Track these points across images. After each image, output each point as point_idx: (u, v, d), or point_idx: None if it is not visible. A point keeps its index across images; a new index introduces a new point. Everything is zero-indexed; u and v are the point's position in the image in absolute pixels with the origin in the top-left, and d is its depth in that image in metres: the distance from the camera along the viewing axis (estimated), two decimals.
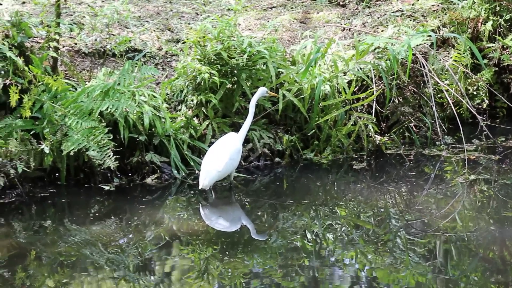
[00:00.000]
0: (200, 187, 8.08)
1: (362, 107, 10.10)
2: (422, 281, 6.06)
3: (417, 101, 10.44)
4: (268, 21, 12.03)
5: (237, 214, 8.02)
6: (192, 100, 9.25)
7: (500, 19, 11.28)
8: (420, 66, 10.27)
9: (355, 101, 9.89)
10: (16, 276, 6.22)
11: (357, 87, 10.15)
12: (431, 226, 7.27)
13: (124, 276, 6.19)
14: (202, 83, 9.12)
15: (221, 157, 8.07)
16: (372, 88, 9.94)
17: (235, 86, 9.33)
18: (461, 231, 7.10)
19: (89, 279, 6.18)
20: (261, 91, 8.59)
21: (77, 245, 6.87)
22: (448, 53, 11.37)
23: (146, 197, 8.21)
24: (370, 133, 9.86)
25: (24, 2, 11.52)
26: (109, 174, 8.43)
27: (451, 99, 10.23)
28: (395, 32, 11.08)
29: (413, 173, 8.99)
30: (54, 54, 8.90)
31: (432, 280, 6.09)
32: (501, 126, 10.52)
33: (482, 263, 6.42)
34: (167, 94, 9.44)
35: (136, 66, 9.05)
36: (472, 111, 10.20)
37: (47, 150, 8.03)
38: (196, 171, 8.70)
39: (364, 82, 10.16)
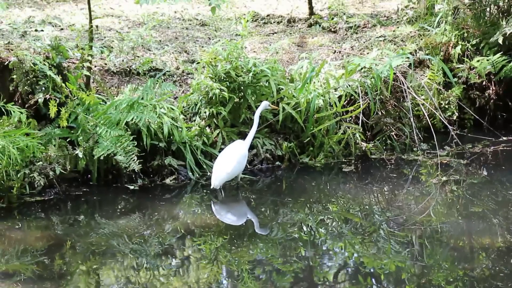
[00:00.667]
0: (211, 187, 8.06)
1: (350, 118, 10.07)
2: (402, 267, 6.05)
3: (397, 113, 10.40)
4: (270, 44, 12.01)
5: (243, 210, 8.00)
6: (205, 112, 9.23)
7: (467, 44, 11.26)
8: (400, 84, 10.24)
9: (344, 113, 9.86)
10: (54, 263, 6.23)
11: (346, 101, 10.11)
12: (409, 220, 7.25)
13: (146, 263, 6.18)
14: (213, 98, 9.10)
15: (230, 161, 8.05)
16: (359, 102, 9.91)
17: (242, 100, 9.31)
18: (435, 224, 7.08)
19: (116, 266, 6.17)
20: (264, 104, 8.58)
21: (106, 236, 6.87)
22: (424, 73, 11.34)
23: (165, 195, 8.19)
24: (357, 141, 9.83)
25: (62, 29, 11.53)
26: (133, 176, 8.40)
27: (426, 112, 10.20)
28: (379, 54, 11.05)
29: (394, 175, 8.96)
30: (87, 73, 8.90)
31: (410, 266, 6.07)
32: (469, 135, 10.48)
33: (453, 252, 6.40)
34: (183, 107, 9.43)
35: (157, 83, 9.05)
36: (444, 122, 10.18)
37: (80, 155, 8.03)
38: (208, 173, 8.69)
39: (352, 97, 10.13)
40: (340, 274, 6.06)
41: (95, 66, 10.03)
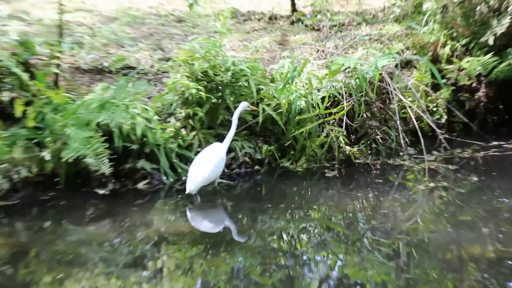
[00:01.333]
0: (187, 192, 8.00)
1: (334, 120, 10.07)
2: (387, 279, 6.01)
3: (383, 116, 10.42)
4: (250, 42, 12.01)
5: (220, 217, 7.94)
6: (181, 113, 9.20)
7: (457, 44, 11.31)
8: (386, 85, 10.25)
9: (327, 115, 9.86)
10: (18, 273, 6.14)
11: (330, 102, 10.11)
12: (395, 229, 7.22)
13: (116, 273, 6.11)
14: (190, 98, 9.06)
15: (207, 164, 8.01)
16: (343, 103, 9.91)
17: (220, 100, 9.28)
18: (422, 233, 7.06)
19: (85, 275, 6.08)
20: (243, 105, 8.54)
21: (74, 244, 6.79)
22: (411, 73, 11.38)
23: (138, 201, 8.12)
24: (341, 144, 9.82)
25: (30, 23, 11.44)
26: (104, 179, 8.32)
27: (413, 115, 10.22)
28: (364, 54, 11.09)
29: (379, 181, 8.94)
30: (56, 70, 8.85)
31: (395, 278, 6.04)
32: (458, 139, 10.51)
33: (440, 262, 6.37)
34: (158, 107, 9.38)
35: (130, 82, 8.99)
36: (432, 125, 10.20)
37: (48, 157, 7.94)
38: (184, 177, 8.63)
39: (336, 98, 10.14)
40: (322, 285, 6.02)
41: (65, 63, 9.96)
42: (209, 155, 8.13)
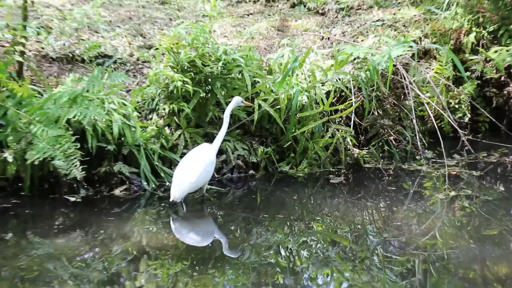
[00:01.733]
0: (171, 200, 8.01)
1: (340, 119, 10.09)
2: None
3: (397, 113, 10.44)
4: (244, 28, 12.02)
5: (209, 228, 7.96)
6: (164, 109, 9.20)
7: (483, 31, 11.34)
8: (401, 78, 10.27)
9: (333, 113, 9.88)
10: None
11: (336, 98, 10.13)
12: (409, 243, 7.25)
13: None
14: (174, 91, 9.06)
15: (194, 168, 8.00)
16: (351, 99, 9.92)
17: (209, 95, 9.29)
18: (441, 249, 7.08)
19: None
20: (236, 100, 8.54)
21: (40, 258, 6.78)
22: (430, 65, 11.40)
23: (114, 209, 8.13)
24: (348, 146, 9.84)
25: None
26: (75, 185, 8.34)
27: (432, 112, 10.24)
28: (376, 42, 11.09)
29: (392, 188, 8.98)
30: (20, 59, 8.83)
31: None
32: (483, 141, 10.54)
33: (462, 282, 6.39)
34: (138, 102, 9.39)
35: (106, 73, 8.99)
36: (454, 125, 10.21)
37: (10, 159, 7.94)
38: (167, 183, 8.65)
39: (343, 93, 10.15)
40: None
41: (30, 51, 9.97)
42: (196, 157, 8.13)
